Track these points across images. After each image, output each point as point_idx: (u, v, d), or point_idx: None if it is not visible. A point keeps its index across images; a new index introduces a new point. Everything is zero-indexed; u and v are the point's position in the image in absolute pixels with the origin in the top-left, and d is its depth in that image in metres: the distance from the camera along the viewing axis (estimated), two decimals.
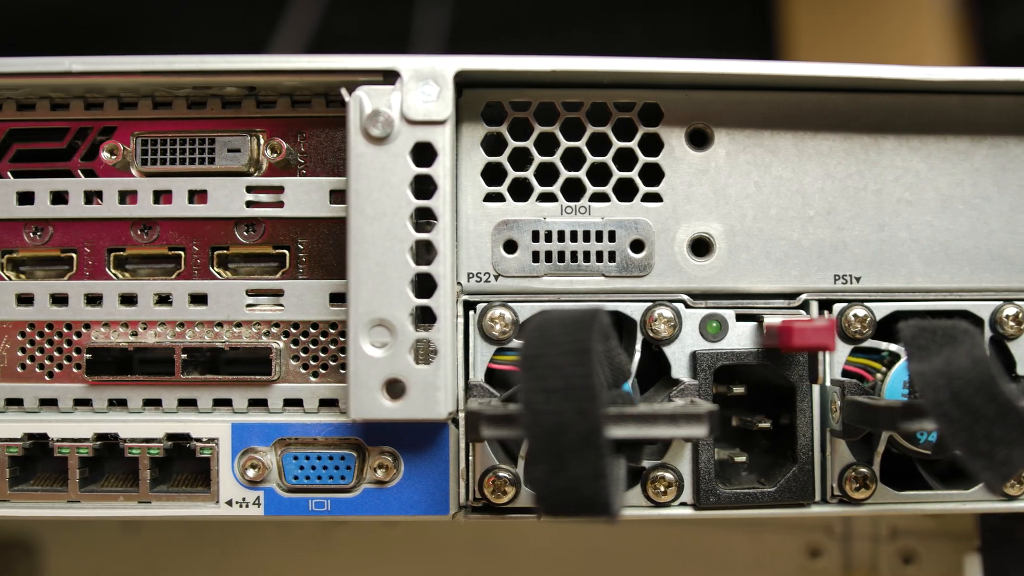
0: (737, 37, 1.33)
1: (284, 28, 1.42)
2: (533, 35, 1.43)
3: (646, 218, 0.49)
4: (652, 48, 1.37)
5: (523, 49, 0.47)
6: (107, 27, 1.47)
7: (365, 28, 1.45)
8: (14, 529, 0.79)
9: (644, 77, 0.48)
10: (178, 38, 1.42)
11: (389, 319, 0.45)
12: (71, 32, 1.42)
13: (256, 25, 1.45)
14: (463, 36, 1.40)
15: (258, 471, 0.48)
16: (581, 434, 0.38)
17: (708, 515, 0.49)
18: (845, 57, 0.50)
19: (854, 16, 1.16)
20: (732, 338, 0.49)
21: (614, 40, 1.40)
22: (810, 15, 1.19)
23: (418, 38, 1.41)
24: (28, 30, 1.43)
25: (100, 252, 0.50)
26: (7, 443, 0.49)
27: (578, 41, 1.42)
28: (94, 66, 0.47)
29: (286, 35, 1.41)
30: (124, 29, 1.46)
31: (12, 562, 0.80)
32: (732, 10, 1.37)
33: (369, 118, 0.45)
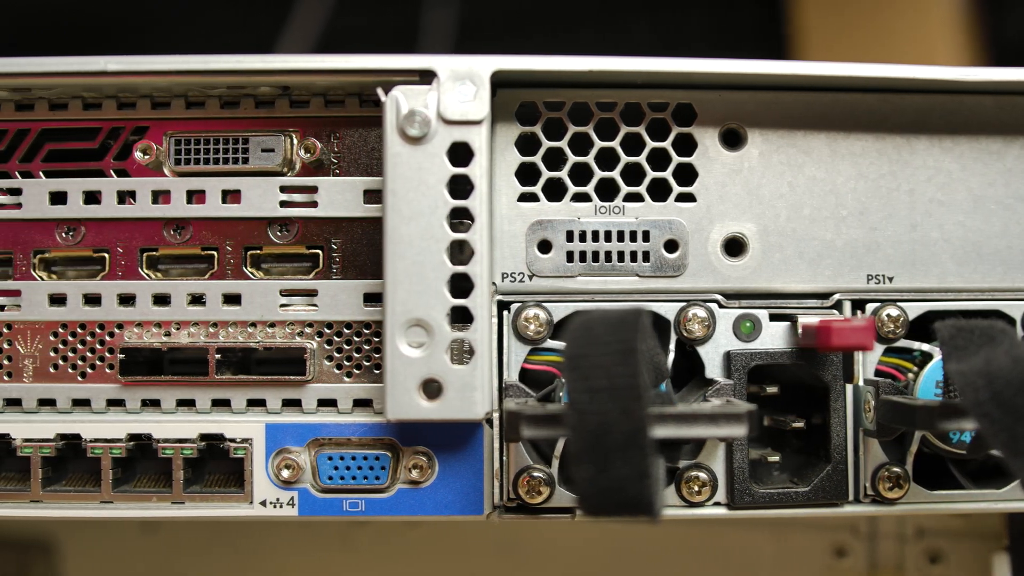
0: (745, 36, 1.33)
1: (291, 28, 1.42)
2: (539, 35, 1.43)
3: (680, 218, 0.49)
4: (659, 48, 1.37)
5: (529, 49, 0.47)
6: (108, 27, 1.46)
7: (372, 28, 1.45)
8: (32, 529, 0.79)
9: (678, 77, 0.48)
10: (183, 38, 1.42)
11: (426, 319, 0.45)
12: (72, 32, 1.42)
13: (262, 25, 1.45)
14: (470, 36, 1.40)
15: (292, 471, 0.48)
16: (626, 434, 0.38)
17: (742, 515, 0.49)
18: (855, 56, 0.50)
19: (864, 15, 1.17)
20: (765, 338, 0.49)
21: (621, 40, 1.40)
22: (819, 14, 1.19)
23: (425, 38, 1.41)
24: (29, 30, 1.42)
25: (133, 252, 0.50)
26: (40, 443, 0.49)
27: (585, 41, 1.42)
28: (129, 65, 0.46)
29: (293, 35, 1.41)
30: (126, 29, 1.46)
31: (31, 562, 0.80)
32: (739, 9, 1.37)
33: (406, 118, 0.45)
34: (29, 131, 0.50)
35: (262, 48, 1.37)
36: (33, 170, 0.50)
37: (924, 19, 1.12)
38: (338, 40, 1.39)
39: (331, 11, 1.43)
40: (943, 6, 1.12)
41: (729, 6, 1.38)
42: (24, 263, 0.50)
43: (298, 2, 1.43)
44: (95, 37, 1.41)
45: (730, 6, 1.38)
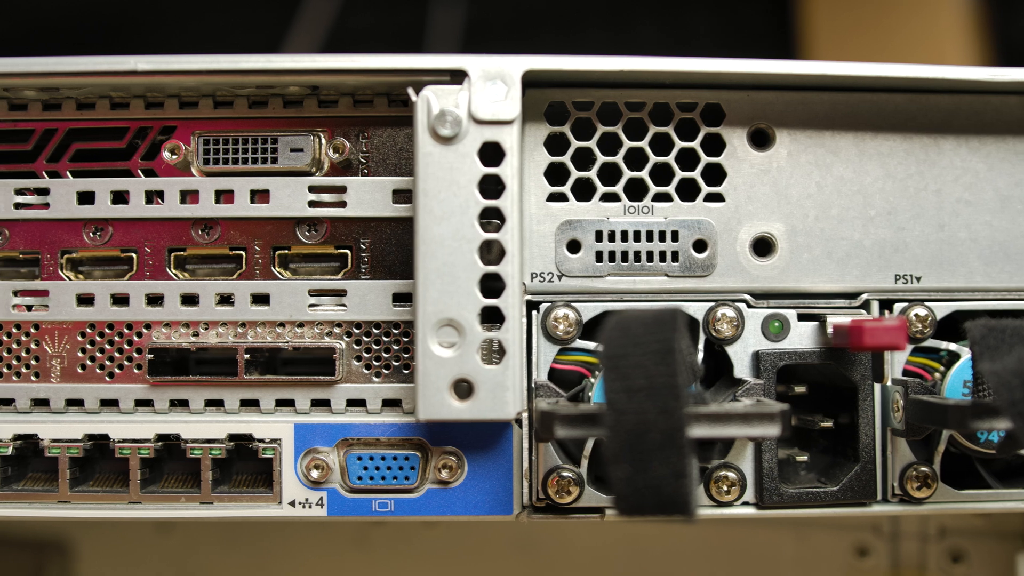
0: (752, 36, 1.33)
1: (299, 27, 1.42)
2: (547, 35, 1.43)
3: (708, 218, 0.49)
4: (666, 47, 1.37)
5: (537, 48, 0.47)
6: (117, 25, 1.46)
7: (380, 27, 1.45)
8: (48, 529, 0.79)
9: (707, 77, 0.48)
10: (191, 38, 1.42)
11: (457, 319, 0.45)
12: (81, 31, 1.42)
13: (270, 24, 1.45)
14: (478, 35, 1.40)
15: (322, 472, 0.48)
16: (664, 434, 0.39)
17: (770, 514, 0.49)
18: (865, 56, 0.50)
19: (873, 15, 1.17)
20: (794, 337, 0.49)
21: (628, 39, 1.41)
22: (828, 13, 1.19)
23: (432, 37, 1.41)
24: (37, 29, 1.42)
25: (160, 252, 0.49)
26: (68, 444, 0.49)
27: (593, 40, 1.42)
28: (159, 65, 0.46)
29: (300, 34, 1.41)
30: (135, 28, 1.46)
31: (46, 562, 0.80)
32: (746, 9, 1.37)
33: (437, 118, 0.45)
34: (56, 131, 0.50)
35: (270, 48, 1.37)
36: (60, 170, 0.50)
37: (933, 19, 1.12)
38: (345, 40, 1.39)
39: (338, 10, 1.43)
40: (952, 7, 1.12)
41: (736, 5, 1.38)
42: (51, 263, 0.50)
43: (305, 1, 1.43)
44: (102, 36, 1.41)
45: (737, 5, 1.38)
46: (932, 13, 1.14)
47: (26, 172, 0.50)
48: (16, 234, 0.50)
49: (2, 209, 0.49)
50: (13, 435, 0.49)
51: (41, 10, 1.42)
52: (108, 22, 1.44)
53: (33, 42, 1.40)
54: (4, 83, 0.48)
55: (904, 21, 1.15)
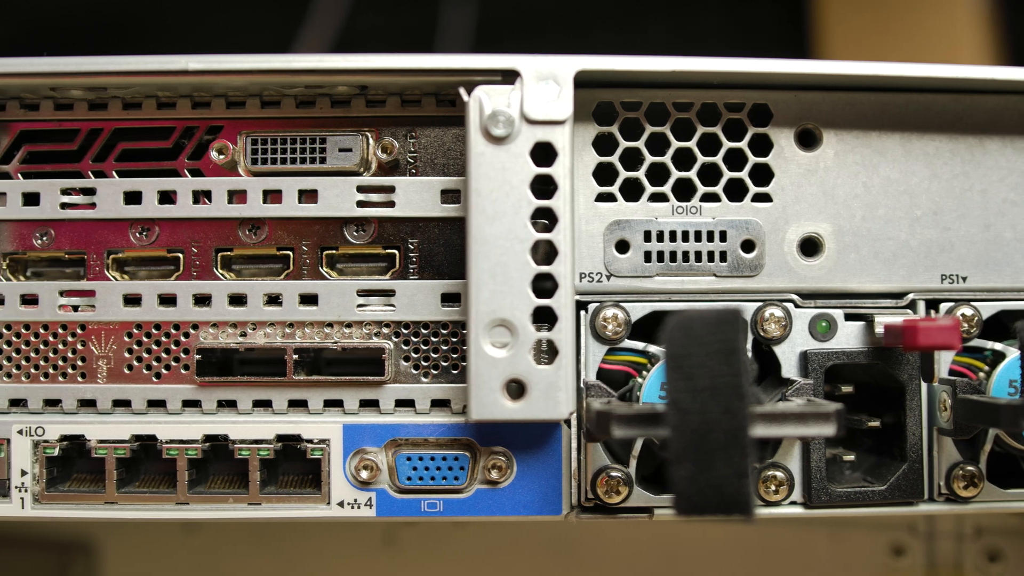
0: (765, 36, 1.33)
1: (309, 27, 1.41)
2: (557, 34, 1.43)
3: (756, 218, 0.49)
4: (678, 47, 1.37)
5: (546, 48, 0.47)
6: (124, 25, 1.46)
7: (390, 27, 1.45)
8: (72, 530, 0.79)
9: (757, 78, 0.48)
10: (199, 38, 1.41)
11: (510, 319, 0.45)
12: (88, 32, 1.41)
13: (280, 24, 1.44)
14: (489, 35, 1.40)
15: (371, 472, 0.48)
16: (728, 433, 0.39)
17: (819, 514, 0.49)
18: (878, 56, 0.50)
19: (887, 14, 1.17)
20: (841, 337, 0.49)
21: (638, 39, 1.41)
22: (842, 13, 1.19)
23: (443, 37, 1.40)
24: (44, 30, 1.42)
25: (207, 252, 0.49)
26: (115, 444, 0.48)
27: (603, 40, 1.42)
28: (211, 64, 0.46)
29: (311, 34, 1.41)
30: (143, 28, 1.46)
31: (71, 562, 0.79)
32: (758, 8, 1.38)
33: (490, 118, 0.45)
34: (102, 130, 0.50)
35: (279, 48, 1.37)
36: (106, 170, 0.50)
37: (948, 19, 1.12)
38: (356, 40, 1.39)
39: (348, 11, 1.43)
40: (967, 6, 1.12)
41: (747, 5, 1.38)
42: (97, 263, 0.49)
43: (315, 2, 1.43)
44: (109, 36, 1.41)
45: (748, 5, 1.38)
46: (946, 13, 1.15)
47: (71, 172, 0.50)
48: (62, 234, 0.50)
49: (48, 209, 0.49)
50: (60, 436, 0.49)
51: (41, 10, 1.42)
52: (111, 22, 1.44)
53: (34, 43, 1.39)
54: (52, 82, 0.48)
55: (918, 21, 1.16)
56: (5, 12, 1.44)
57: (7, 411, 0.49)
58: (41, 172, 0.50)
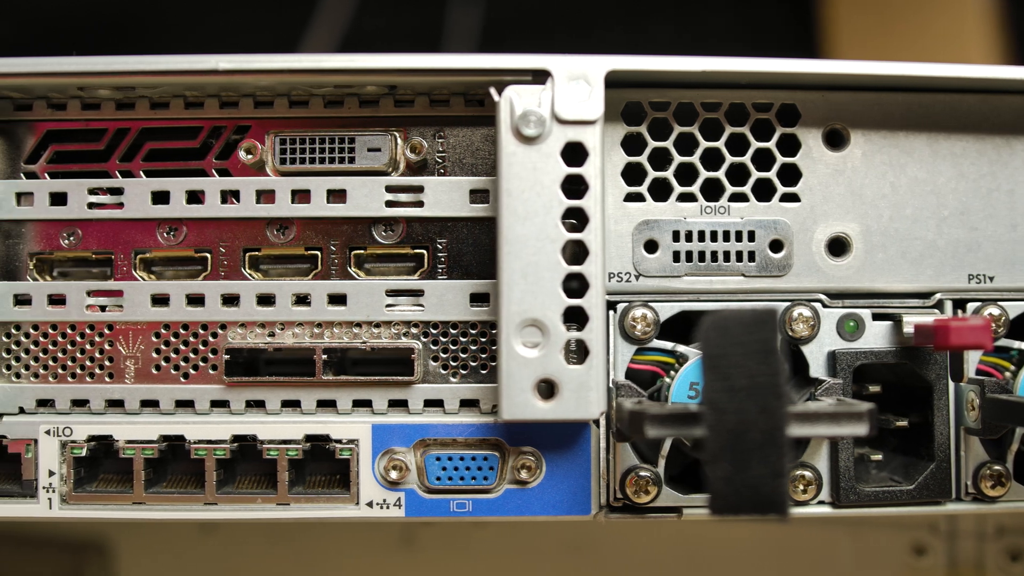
0: (773, 35, 1.34)
1: (315, 27, 1.41)
2: (563, 35, 1.43)
3: (784, 218, 0.49)
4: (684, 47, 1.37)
5: (553, 48, 0.47)
6: (125, 26, 1.45)
7: (396, 27, 1.45)
8: (86, 530, 0.78)
9: (785, 78, 0.48)
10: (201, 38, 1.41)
11: (541, 319, 0.45)
12: (88, 31, 1.41)
13: (285, 24, 1.44)
14: (495, 35, 1.40)
15: (400, 472, 0.48)
16: (765, 433, 0.39)
17: (847, 514, 0.49)
18: (887, 55, 0.50)
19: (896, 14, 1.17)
20: (868, 337, 0.49)
21: (643, 39, 1.41)
22: (850, 13, 1.19)
23: (449, 37, 1.40)
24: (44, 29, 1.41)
25: (235, 252, 0.49)
26: (143, 445, 0.48)
27: (608, 40, 1.42)
28: (241, 64, 0.46)
29: (317, 34, 1.40)
30: (144, 28, 1.45)
31: (85, 563, 0.79)
32: (765, 8, 1.38)
33: (521, 118, 0.45)
34: (129, 130, 0.50)
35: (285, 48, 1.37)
36: (133, 169, 0.50)
37: (956, 19, 1.13)
38: (362, 40, 1.39)
39: (355, 11, 1.42)
40: (974, 6, 1.12)
41: (752, 4, 1.38)
42: (125, 263, 0.49)
43: (321, 2, 1.43)
44: (110, 36, 1.40)
45: (753, 4, 1.38)
46: (953, 14, 1.15)
47: (98, 172, 0.50)
48: (89, 234, 0.49)
49: (76, 209, 0.49)
50: (88, 436, 0.48)
51: (41, 10, 1.41)
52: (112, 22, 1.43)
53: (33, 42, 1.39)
54: (81, 82, 0.47)
55: (925, 21, 1.16)
56: (4, 11, 1.44)
57: (34, 411, 0.49)
58: (67, 172, 0.50)
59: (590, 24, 1.44)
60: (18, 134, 0.50)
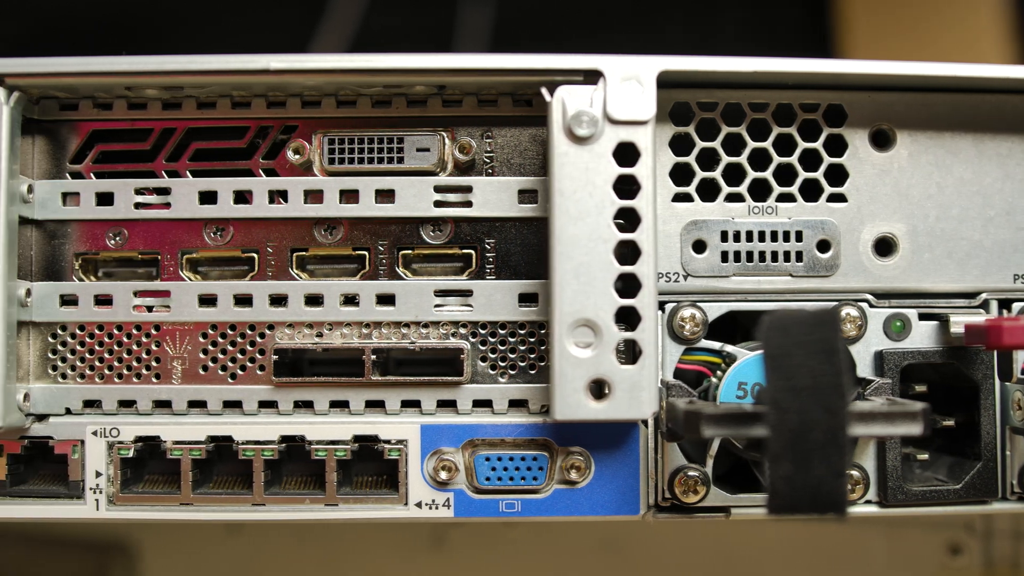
0: (785, 36, 1.34)
1: (325, 28, 1.41)
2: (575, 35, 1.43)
3: (831, 218, 0.49)
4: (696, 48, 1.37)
5: (564, 49, 0.47)
6: (135, 26, 1.45)
7: (407, 27, 1.45)
8: (110, 530, 0.78)
9: (834, 78, 0.48)
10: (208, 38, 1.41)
11: (594, 319, 0.45)
12: (99, 31, 1.41)
13: (296, 24, 1.44)
14: (507, 36, 1.40)
15: (450, 473, 0.48)
16: (827, 433, 0.39)
17: (894, 513, 0.49)
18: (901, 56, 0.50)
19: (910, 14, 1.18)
20: (915, 337, 0.50)
21: (655, 39, 1.41)
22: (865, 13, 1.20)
23: (460, 37, 1.40)
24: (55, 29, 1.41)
25: (283, 252, 0.49)
26: (190, 446, 0.48)
27: (620, 40, 1.42)
28: (292, 64, 0.46)
29: (327, 35, 1.40)
30: (154, 28, 1.45)
31: (109, 564, 0.79)
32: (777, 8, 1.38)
33: (574, 118, 0.45)
34: (175, 130, 0.49)
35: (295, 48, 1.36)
36: (179, 169, 0.49)
37: (971, 19, 1.13)
38: (373, 40, 1.39)
39: (365, 10, 1.42)
40: (989, 6, 1.13)
41: (765, 5, 1.38)
42: (172, 263, 0.49)
43: (332, 1, 1.42)
44: (120, 37, 1.40)
45: (766, 5, 1.38)
46: (969, 13, 1.15)
47: (143, 172, 0.49)
48: (135, 234, 0.49)
49: (123, 209, 0.49)
50: (135, 437, 0.48)
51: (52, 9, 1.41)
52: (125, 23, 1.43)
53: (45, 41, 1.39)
54: (130, 82, 0.47)
55: (940, 21, 1.16)
56: (17, 11, 1.43)
57: (81, 412, 0.49)
58: (113, 172, 0.50)
59: (601, 24, 1.44)
60: (61, 134, 0.50)
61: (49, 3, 1.41)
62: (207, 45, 0.76)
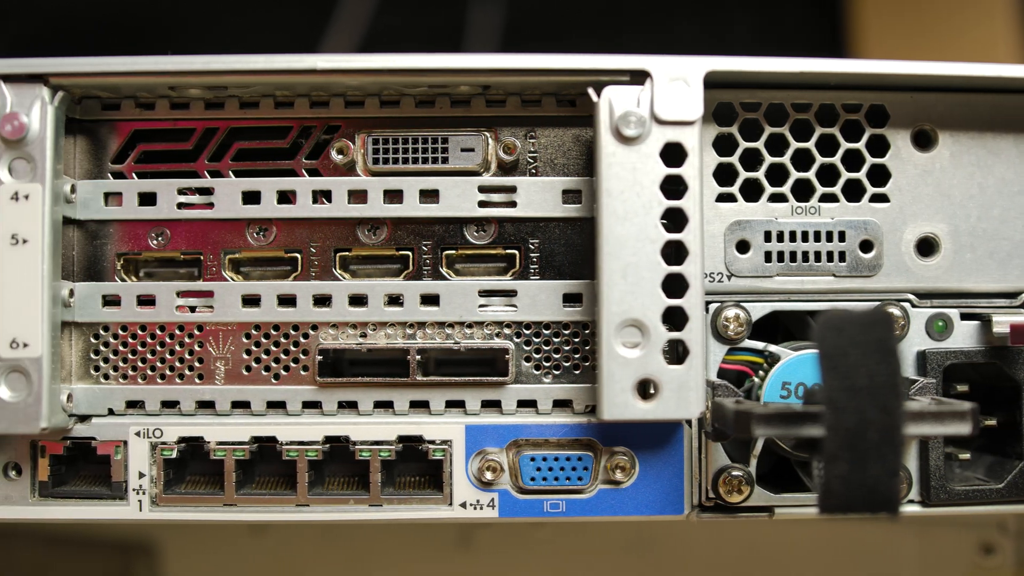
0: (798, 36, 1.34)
1: (334, 28, 1.41)
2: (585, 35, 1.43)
3: (874, 218, 0.50)
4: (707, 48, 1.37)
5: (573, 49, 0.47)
6: (141, 27, 1.44)
7: (416, 27, 1.44)
8: (133, 531, 0.78)
9: (877, 79, 0.48)
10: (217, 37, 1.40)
11: (641, 319, 0.45)
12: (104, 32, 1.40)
13: (304, 25, 1.44)
14: (516, 35, 1.40)
15: (495, 473, 0.48)
16: (883, 432, 0.39)
17: (936, 512, 0.49)
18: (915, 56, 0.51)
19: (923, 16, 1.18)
20: (957, 337, 0.50)
21: (665, 40, 1.41)
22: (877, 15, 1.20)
23: (471, 37, 1.40)
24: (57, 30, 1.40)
25: (326, 252, 0.49)
26: (234, 446, 0.48)
27: (632, 40, 1.42)
28: (340, 64, 0.46)
29: (337, 35, 1.40)
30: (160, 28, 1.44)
31: (132, 564, 0.79)
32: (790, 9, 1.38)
33: (622, 118, 0.45)
34: (217, 129, 0.49)
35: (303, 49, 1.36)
36: (222, 169, 0.49)
37: (985, 22, 1.13)
38: (382, 39, 1.38)
39: (374, 10, 1.42)
40: (1003, 9, 1.13)
41: (777, 6, 1.39)
42: (214, 264, 0.49)
43: (340, 2, 1.42)
44: (128, 37, 1.40)
45: (778, 6, 1.39)
46: (982, 15, 1.16)
47: (185, 172, 0.49)
48: (177, 234, 0.49)
49: (165, 209, 0.49)
50: (178, 437, 0.48)
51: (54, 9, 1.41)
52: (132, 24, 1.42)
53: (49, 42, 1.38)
54: (174, 81, 0.47)
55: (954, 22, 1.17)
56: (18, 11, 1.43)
57: (124, 413, 0.49)
58: (155, 172, 0.49)
59: (611, 24, 1.45)
60: (101, 134, 0.50)
61: (49, 3, 1.41)
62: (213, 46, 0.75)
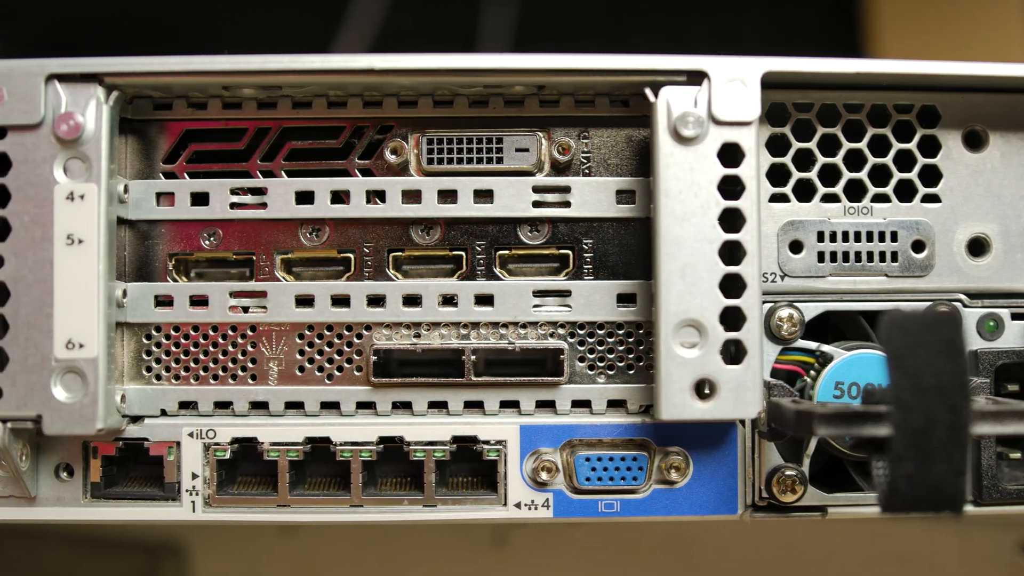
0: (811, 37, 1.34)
1: (346, 28, 1.41)
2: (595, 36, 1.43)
3: (926, 219, 0.50)
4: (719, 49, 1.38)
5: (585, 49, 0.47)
6: (150, 27, 1.44)
7: (429, 27, 1.44)
8: (160, 531, 0.77)
9: (930, 79, 0.49)
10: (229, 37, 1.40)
11: (699, 319, 0.45)
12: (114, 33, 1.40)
13: (316, 25, 1.43)
14: (529, 36, 1.40)
15: (550, 473, 0.48)
16: (950, 431, 0.39)
17: (988, 511, 0.49)
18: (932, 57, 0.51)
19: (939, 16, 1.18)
20: (1008, 336, 0.50)
21: (676, 41, 1.41)
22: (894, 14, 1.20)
23: (483, 37, 1.40)
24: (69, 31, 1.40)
25: (380, 253, 0.49)
26: (287, 447, 0.48)
27: (643, 41, 1.42)
28: (397, 63, 0.46)
29: (349, 35, 1.40)
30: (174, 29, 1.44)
31: (160, 564, 0.78)
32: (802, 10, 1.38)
33: (679, 119, 0.45)
34: (269, 129, 0.49)
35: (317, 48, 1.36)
36: (274, 169, 0.49)
37: (1000, 23, 1.14)
38: (395, 40, 1.38)
39: (387, 10, 1.42)
40: (1018, 8, 1.14)
41: (790, 7, 1.39)
42: (267, 264, 0.49)
43: (353, 2, 1.42)
44: (137, 37, 1.39)
45: (791, 7, 1.39)
46: (997, 15, 1.16)
47: (236, 172, 0.49)
48: (230, 234, 0.49)
49: (218, 209, 0.49)
50: (231, 438, 0.48)
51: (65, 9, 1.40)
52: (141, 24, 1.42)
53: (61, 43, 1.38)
54: (229, 81, 0.47)
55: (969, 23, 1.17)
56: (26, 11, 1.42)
57: (177, 414, 0.49)
58: (207, 172, 0.49)
59: (625, 25, 1.45)
60: (152, 133, 0.50)
61: (49, 3, 1.40)
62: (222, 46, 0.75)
